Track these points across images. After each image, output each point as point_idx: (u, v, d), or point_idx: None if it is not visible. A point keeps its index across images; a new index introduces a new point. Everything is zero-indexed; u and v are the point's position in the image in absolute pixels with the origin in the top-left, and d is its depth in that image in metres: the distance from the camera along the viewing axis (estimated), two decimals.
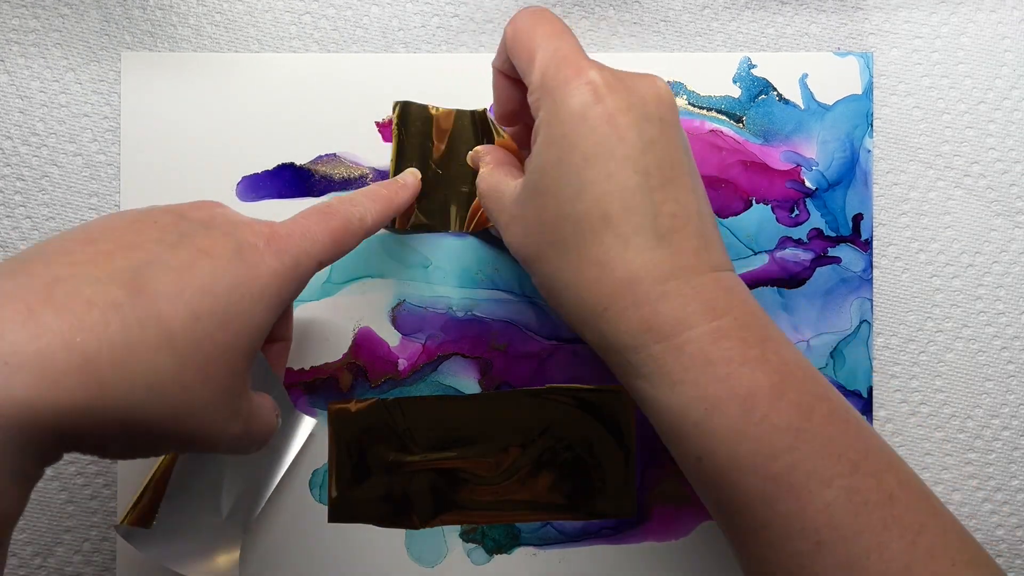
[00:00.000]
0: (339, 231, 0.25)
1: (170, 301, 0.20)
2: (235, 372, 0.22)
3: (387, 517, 0.32)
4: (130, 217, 0.22)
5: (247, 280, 0.22)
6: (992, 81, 0.33)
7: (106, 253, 0.20)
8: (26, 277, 0.19)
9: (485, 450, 0.32)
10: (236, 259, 0.22)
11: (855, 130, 0.33)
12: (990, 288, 0.33)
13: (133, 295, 0.19)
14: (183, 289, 0.20)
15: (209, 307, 0.21)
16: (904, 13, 0.33)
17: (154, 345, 0.19)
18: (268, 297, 0.22)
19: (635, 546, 0.32)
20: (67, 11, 0.32)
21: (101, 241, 0.21)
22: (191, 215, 0.23)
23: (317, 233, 0.25)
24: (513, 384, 0.32)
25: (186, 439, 0.21)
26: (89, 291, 0.19)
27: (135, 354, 0.19)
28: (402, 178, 0.31)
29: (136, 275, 0.20)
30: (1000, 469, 0.32)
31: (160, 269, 0.20)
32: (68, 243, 0.21)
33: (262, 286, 0.22)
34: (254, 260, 0.22)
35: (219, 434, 0.22)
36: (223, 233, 0.22)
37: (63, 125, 0.32)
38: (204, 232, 0.22)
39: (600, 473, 0.32)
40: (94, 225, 0.22)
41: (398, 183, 0.30)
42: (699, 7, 0.33)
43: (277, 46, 0.32)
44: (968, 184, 0.33)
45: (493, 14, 0.33)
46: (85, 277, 0.19)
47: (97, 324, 0.18)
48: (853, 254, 0.32)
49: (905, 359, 0.33)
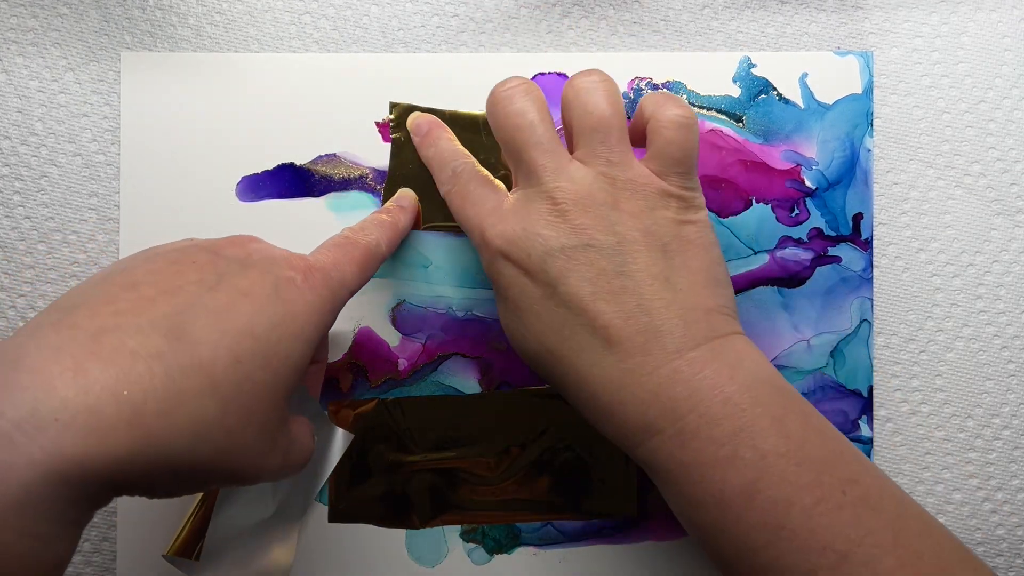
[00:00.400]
0: (364, 260, 0.26)
1: (211, 347, 0.20)
2: (276, 409, 0.22)
3: (387, 517, 0.32)
4: (170, 257, 0.22)
5: (286, 319, 0.22)
6: (992, 80, 0.33)
7: (148, 299, 0.20)
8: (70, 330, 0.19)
9: (485, 450, 0.32)
10: (275, 298, 0.22)
11: (855, 129, 0.33)
12: (990, 287, 0.33)
13: (174, 342, 0.20)
14: (224, 333, 0.20)
15: (250, 349, 0.21)
16: (904, 12, 0.33)
17: (197, 392, 0.19)
18: (307, 333, 0.23)
19: (635, 546, 0.32)
20: (66, 11, 0.32)
21: (143, 285, 0.21)
22: (227, 252, 0.23)
23: (346, 264, 0.25)
24: (513, 384, 0.32)
25: (230, 477, 0.21)
26: (133, 342, 0.19)
27: (180, 403, 0.19)
28: (399, 200, 0.31)
29: (177, 322, 0.20)
30: (1001, 468, 0.32)
31: (200, 313, 0.20)
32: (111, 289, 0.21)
33: (301, 323, 0.22)
34: (292, 297, 0.23)
35: (260, 468, 0.22)
36: (260, 272, 0.23)
37: (62, 125, 0.32)
38: (242, 271, 0.22)
39: (600, 473, 0.32)
40: (136, 268, 0.22)
41: (397, 207, 0.30)
42: (699, 6, 0.33)
43: (277, 46, 0.32)
44: (968, 183, 0.33)
45: (493, 14, 0.33)
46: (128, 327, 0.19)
47: (143, 375, 0.19)
48: (853, 253, 0.32)
49: (905, 358, 0.33)
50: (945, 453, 0.32)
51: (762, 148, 0.32)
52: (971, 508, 0.32)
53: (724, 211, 0.32)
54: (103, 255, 0.32)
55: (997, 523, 0.32)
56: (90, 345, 0.19)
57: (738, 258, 0.32)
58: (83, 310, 0.20)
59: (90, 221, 0.32)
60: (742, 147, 0.32)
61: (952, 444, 0.32)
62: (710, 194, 0.32)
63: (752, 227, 0.32)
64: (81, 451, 0.17)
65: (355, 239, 0.27)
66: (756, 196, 0.32)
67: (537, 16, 0.33)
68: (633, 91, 0.32)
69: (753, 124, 0.33)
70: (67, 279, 0.32)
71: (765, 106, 0.33)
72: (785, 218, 0.32)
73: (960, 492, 0.32)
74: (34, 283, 0.32)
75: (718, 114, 0.33)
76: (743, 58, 0.33)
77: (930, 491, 0.32)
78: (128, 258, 0.23)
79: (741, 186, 0.32)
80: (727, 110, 0.33)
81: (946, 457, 0.32)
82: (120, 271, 0.22)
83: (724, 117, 0.33)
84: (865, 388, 0.32)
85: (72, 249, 0.32)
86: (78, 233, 0.32)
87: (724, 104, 0.33)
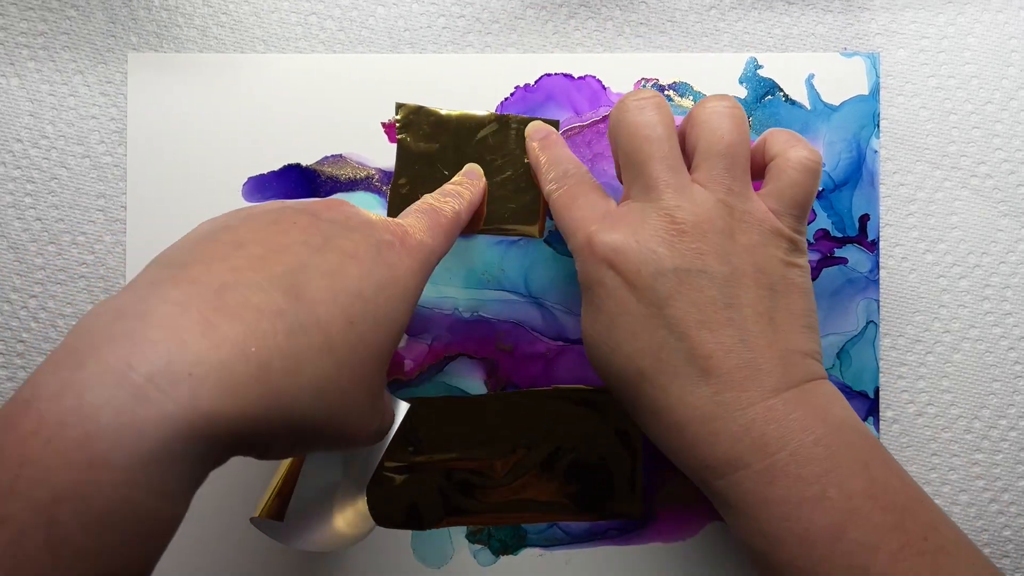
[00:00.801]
0: (449, 226, 0.26)
1: (326, 306, 0.20)
2: (381, 372, 0.22)
3: (393, 518, 0.32)
4: (268, 217, 0.22)
5: (391, 281, 0.22)
6: (999, 81, 0.33)
7: (260, 258, 0.20)
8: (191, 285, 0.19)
9: (491, 451, 0.32)
10: (379, 260, 0.22)
11: (861, 131, 0.32)
12: (997, 288, 0.33)
13: (293, 301, 0.19)
14: (336, 294, 0.21)
15: (360, 311, 0.21)
16: (910, 13, 0.33)
17: (317, 351, 0.19)
18: (408, 296, 0.23)
19: (642, 547, 0.32)
20: (73, 13, 0.32)
21: (250, 244, 0.21)
22: (326, 215, 0.23)
23: (435, 230, 0.25)
24: (519, 385, 0.32)
25: (339, 439, 0.21)
26: (256, 299, 0.19)
27: (302, 361, 0.19)
28: (468, 174, 0.30)
29: (293, 281, 0.20)
30: (1007, 470, 0.32)
31: (313, 274, 0.20)
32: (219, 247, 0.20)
33: (404, 286, 0.23)
34: (393, 260, 0.23)
35: (363, 431, 0.22)
36: (363, 235, 0.23)
37: (72, 127, 0.32)
38: (345, 234, 0.22)
39: (607, 474, 0.32)
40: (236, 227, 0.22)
41: (468, 180, 0.30)
42: (705, 7, 0.33)
43: (283, 47, 0.33)
44: (975, 184, 0.33)
45: (499, 14, 0.33)
46: (248, 284, 0.19)
47: (268, 332, 0.19)
48: (860, 255, 0.32)
49: (912, 360, 0.33)
50: (951, 454, 0.32)
51: None
52: (977, 509, 0.32)
53: None
54: (110, 256, 0.32)
55: (1003, 524, 0.32)
56: (214, 301, 0.18)
57: None
58: (198, 266, 0.19)
59: (98, 222, 0.32)
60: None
61: (958, 445, 0.32)
62: None
63: None
64: (214, 407, 0.17)
65: (440, 208, 0.27)
66: None
67: (543, 17, 0.33)
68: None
69: (759, 125, 0.33)
70: (75, 280, 0.32)
71: (771, 107, 0.33)
72: None
73: (966, 493, 0.32)
74: (45, 284, 0.32)
75: None
76: (749, 59, 0.33)
77: (936, 492, 0.32)
78: (221, 218, 0.23)
79: None
80: None
81: (952, 458, 0.32)
82: (221, 228, 0.21)
83: None
84: (871, 389, 0.32)
85: (81, 250, 0.32)
86: (86, 234, 0.32)
87: None
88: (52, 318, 0.32)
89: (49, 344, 0.32)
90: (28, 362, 0.32)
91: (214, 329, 0.18)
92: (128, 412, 0.16)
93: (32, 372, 0.19)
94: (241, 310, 0.18)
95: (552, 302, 0.32)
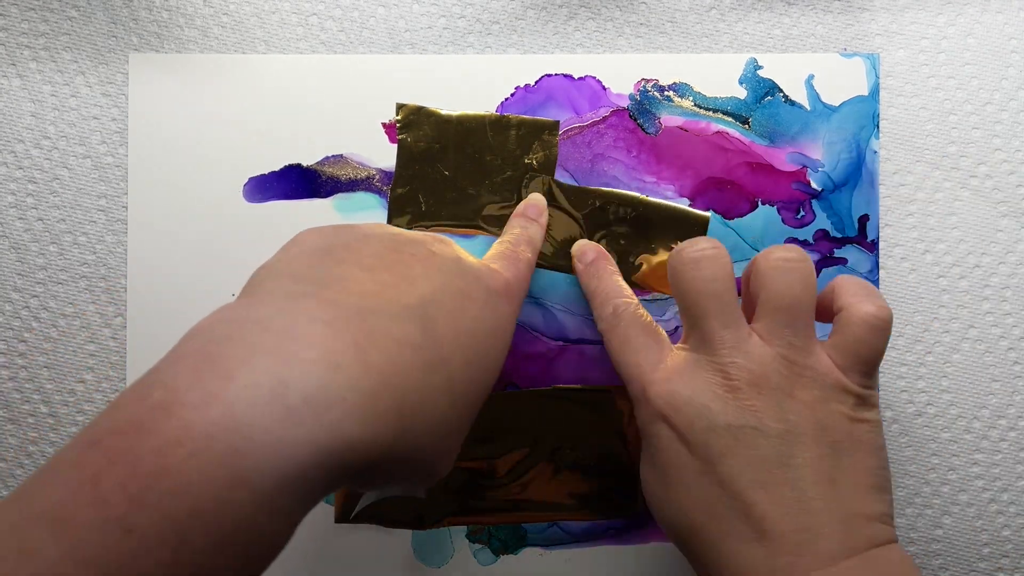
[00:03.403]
0: (528, 273, 0.27)
1: (449, 345, 0.20)
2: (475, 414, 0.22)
3: (394, 518, 0.32)
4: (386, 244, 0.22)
5: (498, 327, 0.22)
6: (999, 82, 0.33)
7: (392, 286, 0.20)
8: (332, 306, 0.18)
9: (492, 451, 0.32)
10: (489, 305, 0.22)
11: (861, 131, 0.33)
12: (996, 289, 0.33)
13: (426, 336, 0.19)
14: (459, 334, 0.20)
15: (475, 352, 0.21)
16: (910, 14, 0.33)
17: (440, 389, 0.19)
18: (508, 342, 0.23)
19: (641, 547, 0.32)
20: (75, 13, 0.32)
21: (378, 270, 0.20)
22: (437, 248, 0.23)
23: (524, 275, 0.26)
24: (520, 384, 0.32)
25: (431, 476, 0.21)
26: (396, 330, 0.18)
27: (429, 398, 0.19)
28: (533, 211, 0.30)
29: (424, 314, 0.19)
30: (1007, 470, 0.32)
31: (439, 311, 0.20)
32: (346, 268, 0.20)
33: (507, 333, 0.23)
34: (499, 307, 0.23)
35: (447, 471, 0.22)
36: (474, 277, 0.23)
37: (73, 128, 0.32)
38: (460, 274, 0.22)
39: (607, 473, 0.32)
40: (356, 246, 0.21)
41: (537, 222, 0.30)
42: (705, 8, 0.33)
43: (284, 47, 0.33)
44: (974, 185, 0.33)
45: (500, 15, 0.33)
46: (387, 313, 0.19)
47: (407, 366, 0.18)
48: (859, 255, 0.32)
49: (911, 360, 0.33)
50: (951, 454, 0.32)
51: (768, 150, 0.33)
52: (977, 509, 0.32)
53: (730, 213, 0.32)
54: (111, 256, 0.32)
55: (1003, 524, 0.32)
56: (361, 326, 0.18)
57: (743, 260, 0.32)
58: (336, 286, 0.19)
59: (99, 223, 0.32)
60: (748, 149, 0.33)
61: (958, 445, 0.32)
62: (715, 196, 0.32)
63: (758, 229, 0.32)
64: (356, 435, 0.16)
65: (519, 255, 0.27)
66: (762, 198, 0.32)
67: (544, 18, 0.33)
68: (640, 92, 0.33)
69: (759, 126, 0.33)
70: (77, 280, 0.32)
71: (771, 108, 0.33)
72: (791, 220, 0.32)
73: (966, 493, 0.32)
74: (46, 284, 0.32)
75: (724, 116, 0.33)
76: (749, 60, 0.33)
77: (936, 492, 0.32)
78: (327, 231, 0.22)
79: (747, 188, 0.32)
80: (733, 112, 0.33)
81: (952, 458, 0.32)
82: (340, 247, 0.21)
83: (730, 119, 0.33)
84: None
85: (82, 250, 0.32)
86: (88, 235, 0.32)
87: (730, 106, 0.33)
88: (53, 318, 0.32)
89: (50, 344, 0.32)
90: (29, 362, 0.32)
91: (365, 355, 0.17)
92: (278, 432, 0.16)
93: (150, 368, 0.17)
94: (384, 339, 0.18)
95: (552, 302, 0.32)
